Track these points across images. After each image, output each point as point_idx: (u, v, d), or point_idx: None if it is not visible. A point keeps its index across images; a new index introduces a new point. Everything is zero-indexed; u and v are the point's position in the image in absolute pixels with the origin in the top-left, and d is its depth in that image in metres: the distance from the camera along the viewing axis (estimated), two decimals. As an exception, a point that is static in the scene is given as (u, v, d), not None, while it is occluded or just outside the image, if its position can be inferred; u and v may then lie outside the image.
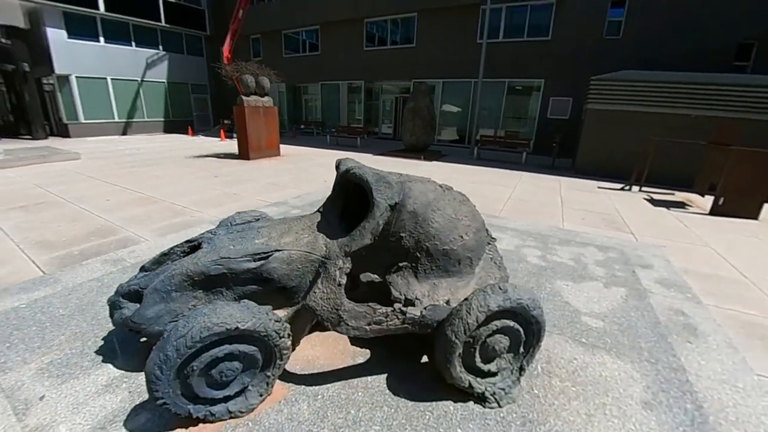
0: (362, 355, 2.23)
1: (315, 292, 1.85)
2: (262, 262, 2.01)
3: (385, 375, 2.05)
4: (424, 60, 16.61)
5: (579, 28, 13.95)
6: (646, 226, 5.48)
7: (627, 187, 8.41)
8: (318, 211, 2.31)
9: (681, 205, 7.19)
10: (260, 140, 10.66)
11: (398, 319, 1.79)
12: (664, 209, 6.72)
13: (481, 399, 1.81)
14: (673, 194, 8.12)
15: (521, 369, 1.86)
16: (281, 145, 12.07)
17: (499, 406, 1.80)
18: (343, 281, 1.83)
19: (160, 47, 19.93)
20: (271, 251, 2.03)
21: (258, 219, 2.87)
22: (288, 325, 1.83)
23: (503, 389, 1.82)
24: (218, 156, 11.37)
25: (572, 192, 7.63)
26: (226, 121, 17.76)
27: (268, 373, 1.81)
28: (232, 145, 13.52)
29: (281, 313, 2.02)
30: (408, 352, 2.24)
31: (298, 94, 21.75)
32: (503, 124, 15.66)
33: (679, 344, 2.50)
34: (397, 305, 1.84)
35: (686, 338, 2.57)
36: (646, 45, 13.37)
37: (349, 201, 2.32)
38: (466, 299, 1.71)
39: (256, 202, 5.99)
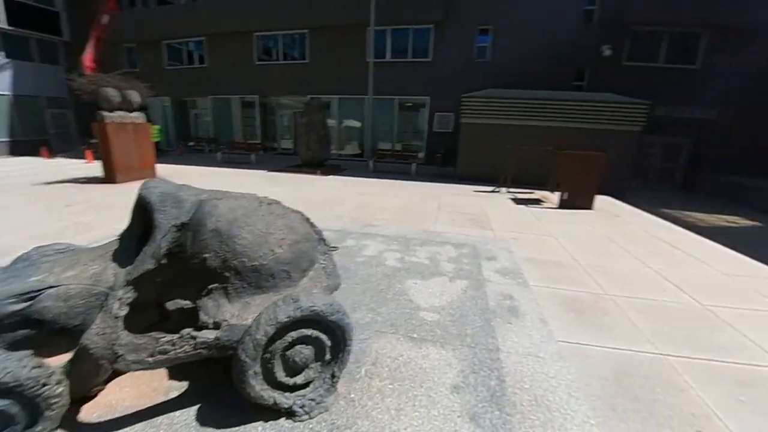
0: (178, 389, 2.03)
1: (91, 329, 1.63)
2: (30, 302, 1.71)
3: (198, 405, 1.89)
4: (318, 76, 16.76)
5: (455, 51, 15.58)
6: (506, 222, 6.22)
7: (497, 190, 9.51)
8: (118, 237, 2.07)
9: (537, 202, 8.37)
10: (129, 160, 9.47)
11: (189, 345, 1.67)
12: (523, 206, 7.72)
13: (290, 413, 1.77)
14: (533, 193, 9.42)
15: (333, 376, 1.88)
16: (161, 165, 10.90)
17: (310, 418, 1.78)
18: (122, 313, 1.63)
19: (2, 53, 16.62)
20: (44, 288, 1.74)
21: (63, 252, 2.47)
22: (55, 371, 1.57)
23: (314, 400, 1.81)
24: (78, 181, 9.78)
25: (450, 197, 8.33)
26: (92, 140, 15.43)
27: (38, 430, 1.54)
28: (99, 168, 11.75)
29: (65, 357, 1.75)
30: (229, 376, 2.13)
31: (185, 109, 20.04)
32: (398, 138, 16.55)
33: (500, 326, 2.82)
34: (186, 330, 1.72)
35: (507, 320, 2.92)
36: (509, 67, 15.48)
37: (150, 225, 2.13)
38: (258, 315, 1.68)
39: (112, 230, 5.24)
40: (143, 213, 2.03)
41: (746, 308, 3.47)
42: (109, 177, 9.30)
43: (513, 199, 8.45)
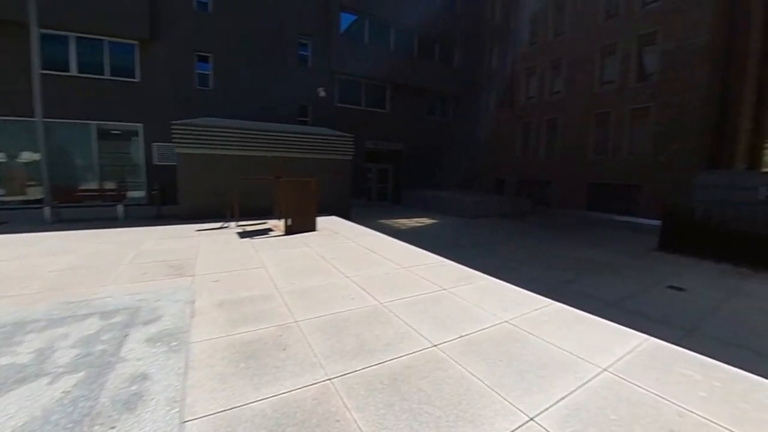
0: None
1: None
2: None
3: None
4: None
5: (171, 75, 13.72)
6: (217, 262, 5.31)
7: (226, 225, 8.56)
8: None
9: (267, 231, 7.96)
10: None
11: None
12: (248, 239, 7.07)
13: None
14: (265, 223, 9.03)
15: None
16: None
17: None
18: None
19: None
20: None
21: None
22: None
23: None
24: None
25: (158, 242, 6.69)
26: None
27: None
28: None
29: None
30: None
31: None
32: (103, 173, 12.85)
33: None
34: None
35: (114, 422, 1.95)
36: (236, 98, 15.06)
37: None
38: None
39: None
40: None
41: (412, 295, 3.98)
42: None
43: (240, 233, 7.71)
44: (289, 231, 7.70)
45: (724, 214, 10.64)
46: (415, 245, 6.64)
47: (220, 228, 8.30)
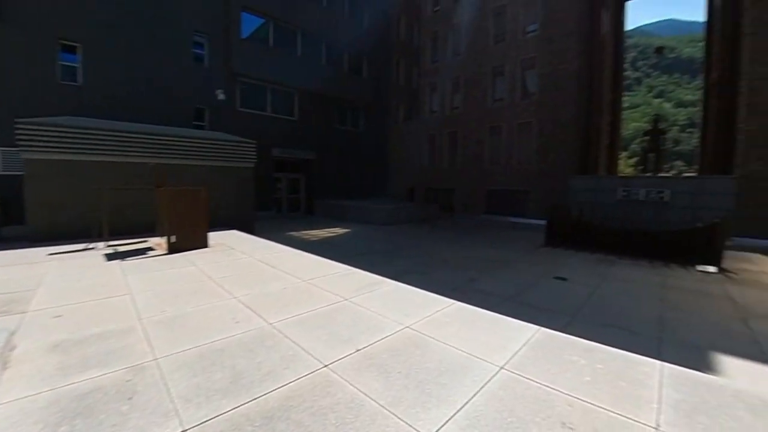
0: None
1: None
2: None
3: None
4: None
5: (25, 64, 11.18)
6: (67, 291, 4.18)
7: (91, 246, 7.04)
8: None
9: (145, 251, 6.73)
10: None
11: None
12: (118, 261, 5.85)
13: None
14: (146, 241, 7.68)
15: None
16: None
17: None
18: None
19: None
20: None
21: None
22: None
23: None
24: None
25: (-17, 272, 5.11)
26: None
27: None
28: None
29: None
30: None
31: None
32: None
33: None
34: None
35: None
36: (115, 97, 12.93)
37: None
38: None
39: None
40: None
41: (309, 311, 3.55)
42: None
43: (109, 255, 6.37)
44: (174, 249, 6.62)
45: (593, 212, 12.45)
46: (323, 256, 6.22)
47: (84, 250, 6.78)
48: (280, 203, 19.37)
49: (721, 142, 16.14)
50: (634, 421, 1.96)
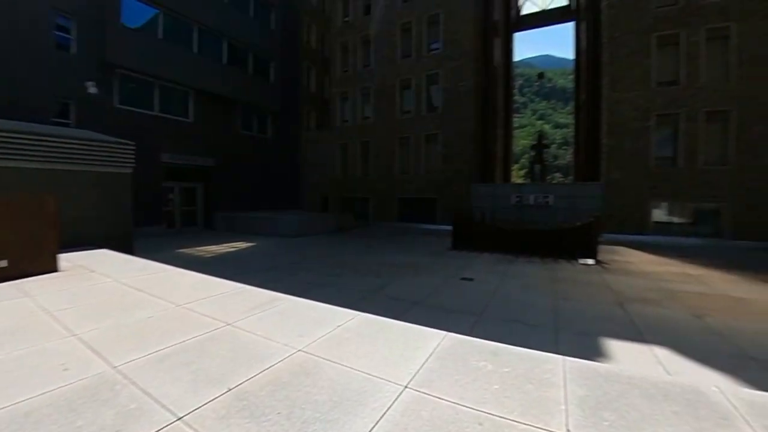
0: None
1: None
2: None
3: None
4: None
5: None
6: None
7: None
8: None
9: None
10: None
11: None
12: None
13: None
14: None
15: None
16: None
17: None
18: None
19: None
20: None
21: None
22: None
23: None
24: None
25: None
26: None
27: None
28: None
29: None
30: None
31: None
32: None
33: None
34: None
35: None
36: None
37: None
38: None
39: None
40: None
41: (175, 344, 2.78)
42: None
43: None
44: (5, 276, 5.02)
45: (493, 216, 13.42)
46: (216, 274, 5.30)
47: None
48: (172, 217, 16.94)
49: (590, 155, 19.09)
50: (545, 430, 1.76)
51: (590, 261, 9.94)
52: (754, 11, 13.20)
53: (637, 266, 9.66)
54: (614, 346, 4.32)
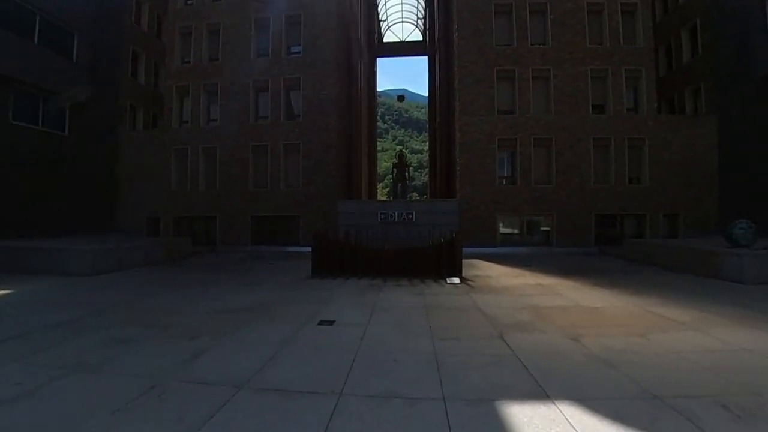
0: None
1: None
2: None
3: None
4: None
5: None
6: None
7: None
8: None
9: None
10: None
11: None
12: None
13: None
14: None
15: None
16: None
17: None
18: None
19: None
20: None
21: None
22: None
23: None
24: None
25: None
26: None
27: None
28: None
29: None
30: None
31: None
32: None
33: None
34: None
35: None
36: None
37: None
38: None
39: None
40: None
41: None
42: None
43: None
44: None
45: (358, 235, 12.03)
46: None
47: None
48: None
49: (446, 174, 20.15)
50: None
51: (456, 279, 9.41)
52: (564, 59, 16.00)
53: (497, 281, 9.57)
54: (519, 414, 3.04)
